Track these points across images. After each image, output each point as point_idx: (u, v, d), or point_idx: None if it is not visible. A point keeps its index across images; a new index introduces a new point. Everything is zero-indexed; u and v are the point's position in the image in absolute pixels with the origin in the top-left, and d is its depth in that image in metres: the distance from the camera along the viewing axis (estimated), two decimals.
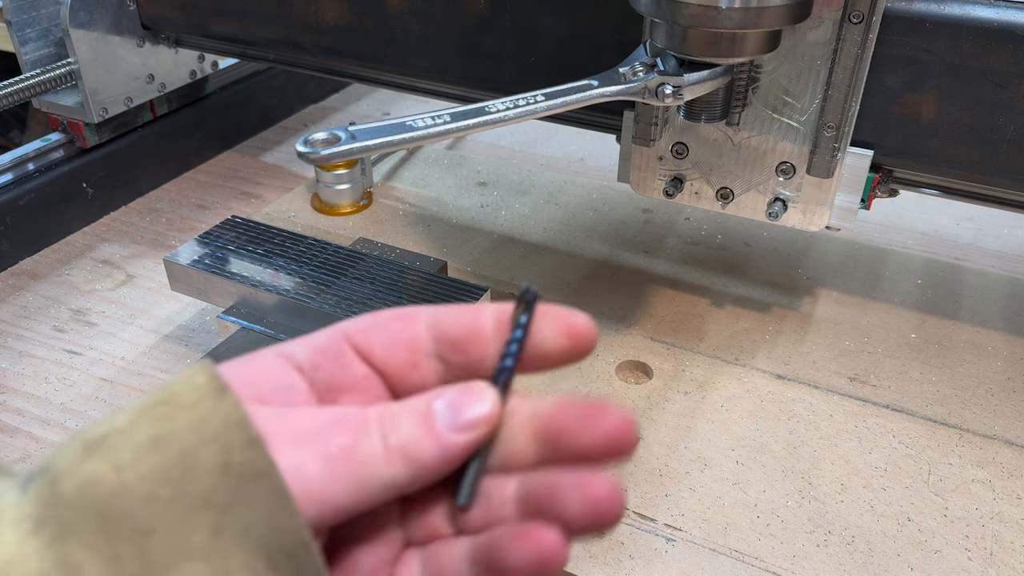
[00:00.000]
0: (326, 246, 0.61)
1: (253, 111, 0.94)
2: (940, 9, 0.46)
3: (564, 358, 0.27)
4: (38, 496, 0.21)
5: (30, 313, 0.66)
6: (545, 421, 0.26)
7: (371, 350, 0.27)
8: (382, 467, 0.23)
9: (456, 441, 0.24)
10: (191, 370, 0.23)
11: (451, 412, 0.24)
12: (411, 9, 0.61)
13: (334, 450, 0.23)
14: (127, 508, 0.21)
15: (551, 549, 0.24)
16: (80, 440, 0.22)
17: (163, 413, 0.22)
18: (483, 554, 0.25)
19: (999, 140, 0.48)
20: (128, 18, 0.76)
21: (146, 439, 0.22)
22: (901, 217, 0.80)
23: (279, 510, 0.22)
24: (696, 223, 0.75)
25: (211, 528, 0.21)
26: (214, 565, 0.21)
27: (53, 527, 0.21)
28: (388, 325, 0.27)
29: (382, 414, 0.24)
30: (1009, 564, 0.45)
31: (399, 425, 0.24)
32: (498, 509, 0.26)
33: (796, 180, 0.51)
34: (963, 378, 0.58)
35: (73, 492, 0.21)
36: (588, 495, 0.24)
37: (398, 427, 0.24)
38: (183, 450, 0.22)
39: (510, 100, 0.41)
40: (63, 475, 0.22)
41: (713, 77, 0.44)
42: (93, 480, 0.21)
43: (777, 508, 0.48)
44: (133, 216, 0.79)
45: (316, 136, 0.36)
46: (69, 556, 0.21)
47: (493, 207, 0.78)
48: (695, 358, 0.59)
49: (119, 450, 0.22)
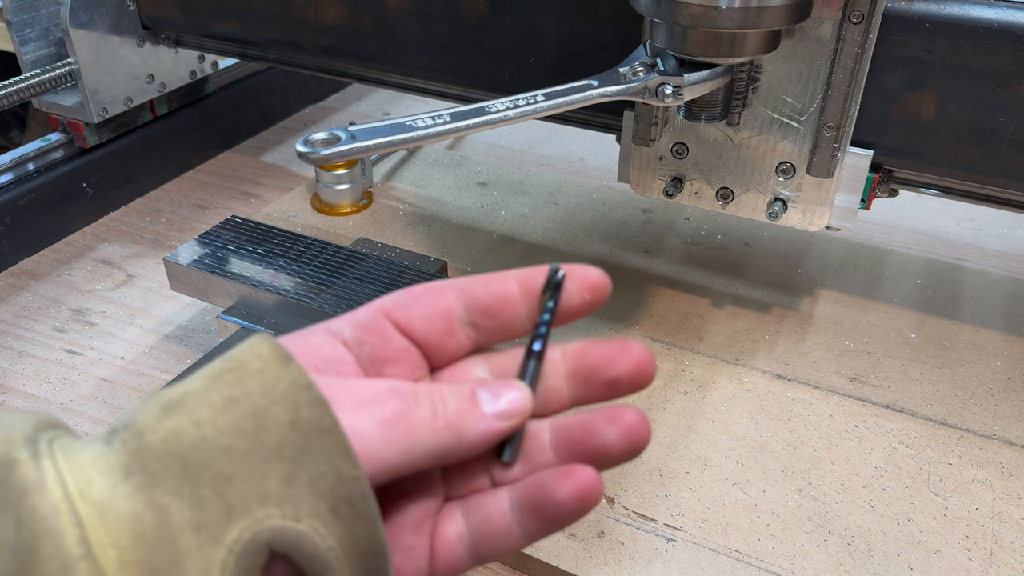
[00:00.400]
0: (326, 246, 0.61)
1: (253, 111, 0.94)
2: (940, 9, 0.46)
3: (585, 310, 0.30)
4: (124, 447, 0.24)
5: (30, 313, 0.66)
6: (577, 359, 0.29)
7: (410, 323, 0.29)
8: (429, 435, 0.26)
9: (495, 426, 0.27)
10: (254, 341, 0.26)
11: (492, 399, 0.28)
12: (411, 9, 0.61)
13: (388, 415, 0.26)
14: (208, 458, 0.23)
15: (592, 483, 0.27)
16: (157, 401, 0.25)
17: (234, 378, 0.25)
18: (528, 496, 0.28)
19: (999, 140, 0.48)
20: (128, 18, 0.76)
21: (220, 399, 0.24)
22: (901, 217, 0.80)
23: (342, 462, 0.24)
24: (696, 223, 0.75)
25: (283, 477, 0.24)
26: (285, 510, 0.23)
27: (141, 474, 0.23)
28: (422, 299, 0.30)
29: (431, 390, 0.27)
30: (1009, 564, 0.45)
31: (447, 402, 0.27)
32: (537, 456, 0.29)
33: (796, 180, 0.51)
34: (963, 378, 0.58)
35: (158, 443, 0.23)
36: (622, 423, 0.28)
37: (446, 403, 0.27)
38: (255, 408, 0.24)
39: (510, 100, 0.41)
40: (147, 429, 0.24)
41: (713, 77, 0.44)
42: (176, 433, 0.24)
43: (777, 508, 0.48)
44: (133, 216, 0.79)
45: (316, 136, 0.36)
46: (157, 499, 0.23)
47: (493, 207, 0.78)
48: (695, 358, 0.59)
49: (196, 409, 0.24)
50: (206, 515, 0.23)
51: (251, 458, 0.24)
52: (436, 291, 0.30)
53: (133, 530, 0.22)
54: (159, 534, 0.23)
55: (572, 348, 0.30)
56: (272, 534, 0.23)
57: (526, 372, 0.29)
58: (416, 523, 0.28)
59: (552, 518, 0.28)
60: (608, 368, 0.29)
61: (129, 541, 0.22)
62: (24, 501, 0.22)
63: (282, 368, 0.25)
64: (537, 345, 0.29)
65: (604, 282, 0.29)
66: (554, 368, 0.30)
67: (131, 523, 0.23)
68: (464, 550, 0.29)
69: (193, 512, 0.23)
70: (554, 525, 0.28)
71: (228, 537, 0.23)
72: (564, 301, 0.29)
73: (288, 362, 0.25)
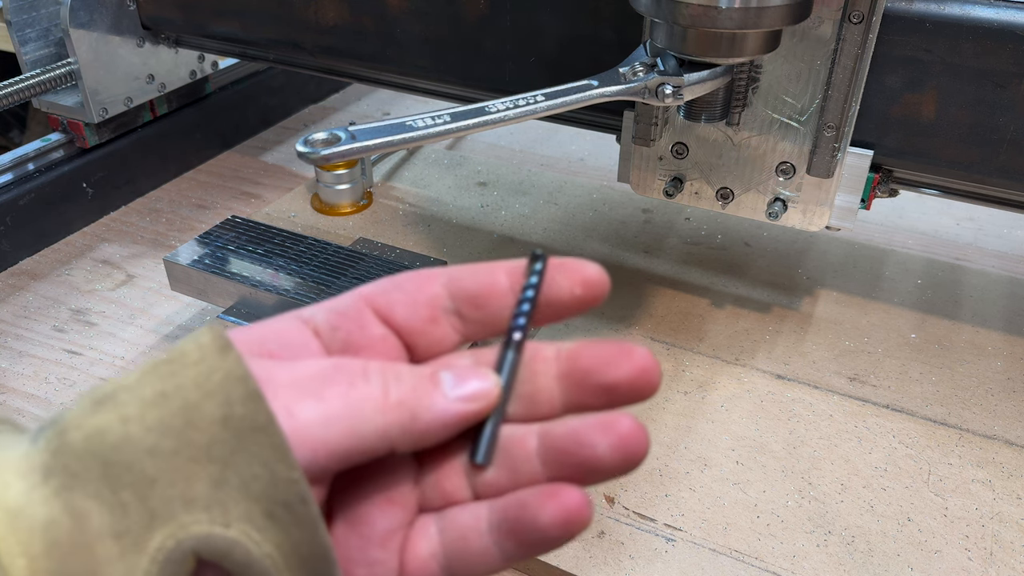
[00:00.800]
0: (326, 246, 0.61)
1: (253, 111, 0.94)
2: (940, 9, 0.46)
3: (579, 307, 0.27)
4: (47, 446, 0.22)
5: (30, 313, 0.66)
6: (571, 360, 0.26)
7: (391, 310, 0.27)
8: (378, 414, 0.24)
9: (455, 408, 0.25)
10: (199, 331, 0.24)
11: (455, 381, 0.25)
12: (411, 9, 0.61)
13: (331, 393, 0.24)
14: (131, 458, 0.22)
15: (578, 507, 0.24)
16: (90, 396, 0.23)
17: (169, 370, 0.23)
18: (508, 516, 0.25)
19: (999, 140, 0.48)
20: (128, 18, 0.76)
21: (152, 394, 0.23)
22: (901, 217, 0.80)
23: (277, 463, 0.22)
24: (696, 223, 0.75)
25: (212, 480, 0.22)
26: (214, 515, 0.22)
27: (61, 476, 0.22)
28: (405, 285, 0.28)
29: (385, 368, 0.25)
30: (1009, 564, 0.45)
31: (402, 380, 0.25)
32: (521, 466, 0.26)
33: (796, 180, 0.51)
34: (963, 378, 0.58)
35: (80, 442, 0.22)
36: (615, 432, 0.25)
37: (401, 381, 0.25)
38: (186, 404, 0.22)
39: (510, 100, 0.41)
40: (71, 427, 0.22)
41: (713, 77, 0.44)
42: (100, 431, 0.22)
43: (777, 508, 0.48)
44: (133, 216, 0.79)
45: (316, 136, 0.36)
46: (76, 503, 0.21)
47: (493, 207, 0.78)
48: (695, 358, 0.59)
49: (126, 404, 0.23)
50: (127, 521, 0.22)
51: (177, 458, 0.22)
52: (422, 278, 0.28)
53: (46, 537, 0.21)
54: (75, 541, 0.21)
55: (567, 348, 0.27)
56: (198, 541, 0.22)
57: (502, 363, 0.26)
58: (384, 536, 0.26)
59: (533, 542, 0.25)
60: (604, 372, 0.26)
61: (41, 549, 0.21)
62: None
63: (219, 358, 0.23)
64: (516, 335, 0.26)
65: (600, 277, 0.27)
66: (545, 367, 0.27)
67: (45, 530, 0.21)
68: (437, 568, 0.26)
69: (113, 517, 0.21)
70: (535, 550, 0.25)
71: (151, 545, 0.22)
72: (555, 295, 0.27)
73: (227, 352, 0.23)
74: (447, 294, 0.28)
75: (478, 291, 0.27)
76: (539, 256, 0.27)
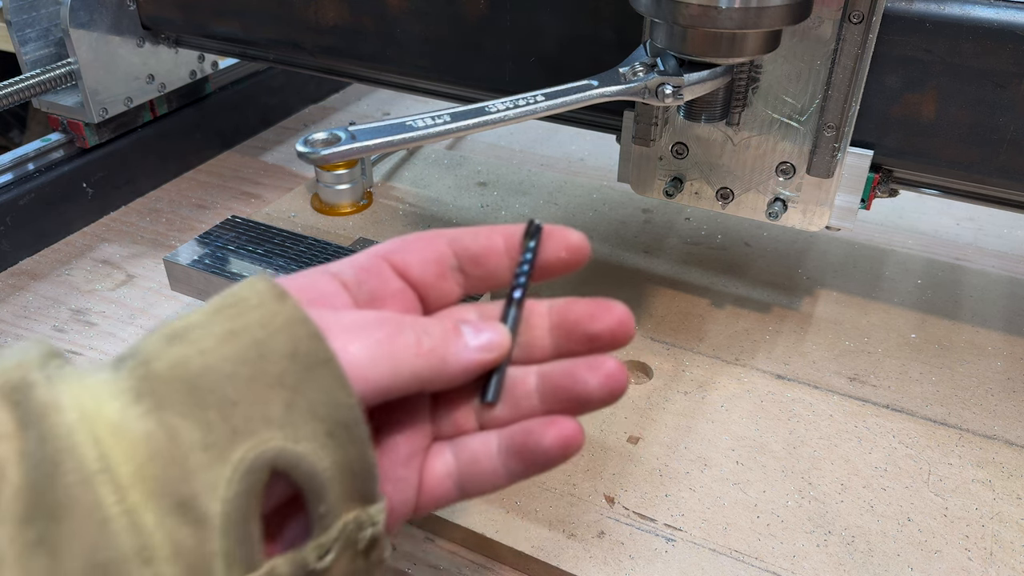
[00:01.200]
0: (326, 246, 0.61)
1: (253, 111, 0.94)
2: (940, 9, 0.46)
3: (565, 268, 0.32)
4: (132, 374, 0.26)
5: (30, 313, 0.66)
6: (562, 314, 0.32)
7: (407, 266, 0.32)
8: (414, 359, 0.28)
9: (476, 357, 0.30)
10: (252, 280, 0.28)
11: (475, 333, 0.30)
12: (411, 9, 0.61)
13: (377, 340, 0.28)
14: (213, 383, 0.25)
15: (574, 432, 0.30)
16: (161, 333, 0.27)
17: (233, 312, 0.27)
18: (515, 441, 0.30)
19: (999, 140, 0.48)
20: (128, 18, 0.76)
21: (222, 331, 0.26)
22: (901, 217, 0.80)
23: (338, 391, 0.26)
24: (696, 223, 0.75)
25: (284, 403, 0.26)
26: (287, 433, 0.25)
27: (151, 398, 0.25)
28: (416, 244, 0.32)
29: (416, 320, 0.30)
30: (1009, 564, 0.45)
31: (431, 333, 0.29)
32: (522, 401, 0.31)
33: (796, 180, 0.51)
34: (963, 378, 0.58)
35: (165, 370, 0.25)
36: (602, 371, 0.30)
37: (430, 334, 0.29)
38: (256, 340, 0.26)
39: (510, 100, 0.41)
40: (153, 357, 0.26)
41: (713, 77, 0.44)
42: (181, 361, 0.26)
43: (777, 508, 0.48)
44: (133, 216, 0.79)
45: (316, 136, 0.36)
46: (168, 421, 0.25)
47: (493, 207, 0.78)
48: (695, 358, 0.59)
49: (200, 340, 0.26)
50: (213, 436, 0.25)
51: (254, 384, 0.26)
52: (431, 238, 0.33)
53: (147, 448, 0.24)
54: (171, 452, 0.24)
55: (558, 304, 0.32)
56: (275, 454, 0.25)
57: (507, 316, 0.31)
58: (407, 457, 0.31)
59: (536, 462, 0.30)
60: (589, 323, 0.31)
61: (144, 457, 0.24)
62: (44, 420, 0.24)
63: (279, 304, 0.27)
64: (517, 293, 0.31)
65: (582, 243, 0.32)
66: (540, 320, 0.32)
67: (145, 442, 0.24)
68: (451, 485, 0.31)
69: (201, 433, 0.25)
70: (538, 468, 0.31)
71: (234, 456, 0.25)
72: (543, 257, 0.32)
73: (284, 298, 0.27)
74: (452, 253, 0.32)
75: (479, 251, 0.32)
76: (536, 225, 0.32)
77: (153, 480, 0.24)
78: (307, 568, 0.27)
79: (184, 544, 0.24)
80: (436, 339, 0.29)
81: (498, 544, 0.46)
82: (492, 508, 0.47)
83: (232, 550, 0.25)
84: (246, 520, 0.25)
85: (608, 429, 0.53)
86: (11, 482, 0.23)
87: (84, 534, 0.23)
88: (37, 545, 0.23)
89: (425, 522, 0.48)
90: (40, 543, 0.23)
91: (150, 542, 0.24)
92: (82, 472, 0.23)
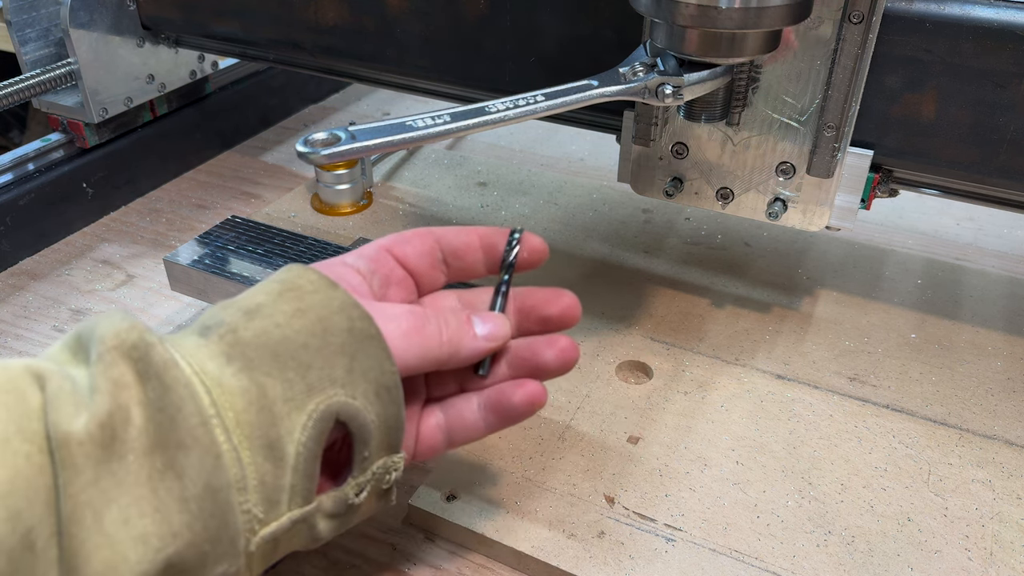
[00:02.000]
0: (326, 246, 0.61)
1: (253, 111, 0.94)
2: (940, 9, 0.46)
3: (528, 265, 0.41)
4: (222, 340, 0.32)
5: (30, 313, 0.66)
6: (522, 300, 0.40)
7: (406, 257, 0.39)
8: (437, 347, 0.36)
9: (483, 346, 0.38)
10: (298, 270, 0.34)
11: (482, 324, 0.38)
12: (411, 9, 0.61)
13: (409, 328, 0.35)
14: (291, 350, 0.32)
15: (538, 392, 0.38)
16: (236, 308, 0.33)
17: (296, 295, 0.33)
18: (492, 399, 0.38)
19: (999, 140, 0.48)
20: (128, 18, 0.76)
21: (291, 309, 0.33)
22: (901, 217, 0.80)
23: (385, 360, 0.33)
24: (696, 223, 0.75)
25: (345, 368, 0.32)
26: (347, 390, 0.32)
27: (241, 360, 0.31)
28: (412, 239, 0.40)
29: (437, 313, 0.37)
30: (1009, 564, 0.45)
31: (449, 324, 0.36)
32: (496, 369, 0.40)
33: (796, 180, 0.51)
34: (963, 378, 0.58)
35: (251, 338, 0.32)
36: (557, 346, 0.39)
37: (448, 325, 0.36)
38: (320, 317, 0.33)
39: (510, 100, 0.41)
40: (239, 327, 0.32)
41: (713, 77, 0.44)
42: (263, 331, 0.32)
43: (777, 508, 0.48)
44: (133, 216, 0.79)
45: (316, 136, 0.36)
46: (257, 378, 0.31)
47: (493, 207, 0.78)
48: (695, 358, 0.59)
49: (274, 315, 0.33)
50: (293, 391, 0.31)
51: (323, 352, 0.32)
52: (421, 234, 0.40)
53: (244, 399, 0.30)
54: (261, 403, 0.31)
55: (519, 292, 0.40)
56: (339, 407, 0.32)
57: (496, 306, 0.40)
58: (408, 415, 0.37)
59: (509, 416, 0.38)
60: (544, 308, 0.40)
61: (242, 406, 0.30)
62: (166, 374, 0.29)
63: (332, 290, 0.34)
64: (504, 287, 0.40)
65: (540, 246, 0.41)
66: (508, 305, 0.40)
67: (242, 394, 0.31)
68: (442, 436, 0.39)
69: (284, 388, 0.31)
70: (510, 420, 0.39)
71: (308, 407, 0.31)
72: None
73: (336, 286, 0.34)
74: (439, 247, 0.40)
75: (460, 247, 0.40)
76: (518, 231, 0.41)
77: (249, 425, 0.30)
78: (347, 502, 0.33)
79: (266, 477, 0.30)
80: (453, 330, 0.36)
81: (498, 544, 0.46)
82: (492, 508, 0.47)
83: (298, 484, 0.31)
84: (312, 460, 0.31)
85: (608, 429, 0.53)
86: (135, 423, 0.28)
87: (203, 464, 0.29)
88: (166, 469, 0.28)
89: (425, 522, 0.48)
90: (168, 468, 0.28)
91: (246, 473, 0.30)
92: (201, 415, 0.29)
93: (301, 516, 0.32)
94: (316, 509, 0.32)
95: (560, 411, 0.54)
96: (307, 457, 0.31)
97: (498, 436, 0.52)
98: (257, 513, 0.30)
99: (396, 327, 0.35)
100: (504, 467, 0.50)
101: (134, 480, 0.27)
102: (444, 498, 0.48)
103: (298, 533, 0.32)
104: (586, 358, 0.59)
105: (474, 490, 0.48)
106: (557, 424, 0.53)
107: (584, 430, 0.53)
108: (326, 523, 0.33)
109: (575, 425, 0.53)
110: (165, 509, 0.28)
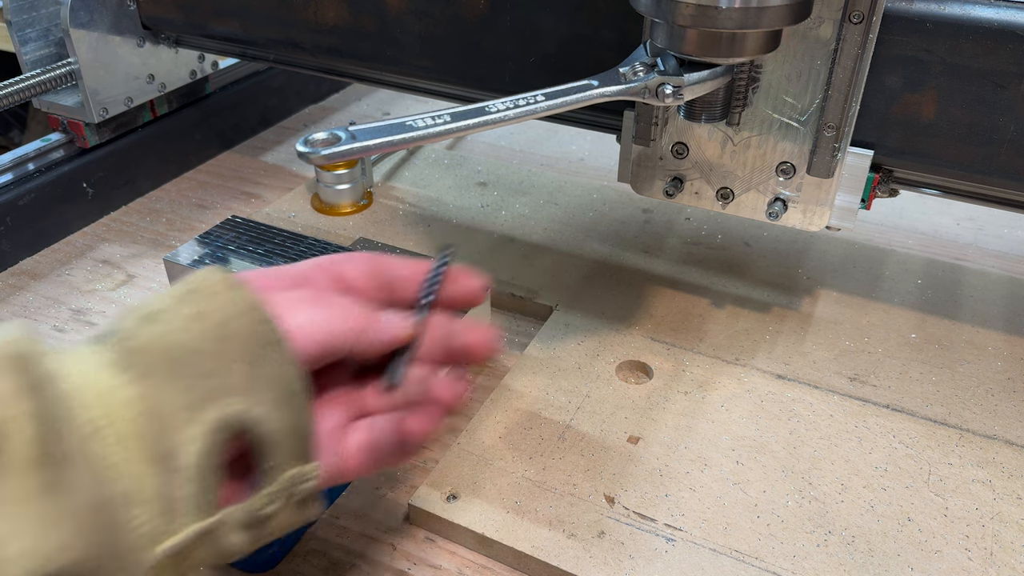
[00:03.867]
0: (326, 246, 0.61)
1: (253, 111, 0.94)
2: (940, 9, 0.46)
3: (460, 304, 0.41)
4: (115, 348, 0.31)
5: (30, 313, 0.66)
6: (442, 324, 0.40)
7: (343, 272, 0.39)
8: (342, 323, 0.35)
9: (385, 335, 0.37)
10: (206, 271, 0.33)
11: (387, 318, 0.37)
12: (411, 9, 0.61)
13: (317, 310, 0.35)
14: (187, 357, 0.31)
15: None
16: (135, 315, 0.32)
17: (196, 298, 0.32)
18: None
19: (999, 140, 0.48)
20: (128, 18, 0.76)
21: (190, 313, 0.31)
22: (901, 217, 0.80)
23: (288, 367, 0.32)
24: (696, 223, 0.75)
25: (244, 375, 0.31)
26: (247, 399, 0.31)
27: (136, 368, 0.30)
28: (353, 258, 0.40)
29: (343, 301, 0.36)
30: (1009, 564, 0.45)
31: (355, 311, 0.36)
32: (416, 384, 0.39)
33: (796, 180, 0.51)
34: (963, 378, 0.58)
35: (147, 344, 0.31)
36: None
37: (354, 312, 0.36)
38: (218, 322, 0.31)
39: (510, 100, 0.41)
40: (133, 335, 0.31)
41: (713, 77, 0.44)
42: (159, 337, 0.31)
43: (777, 508, 0.48)
44: (133, 216, 0.79)
45: (316, 136, 0.36)
46: (152, 387, 0.30)
47: (493, 207, 0.78)
48: (695, 358, 0.59)
49: (172, 320, 0.31)
50: (190, 399, 0.30)
51: (221, 358, 0.31)
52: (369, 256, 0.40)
53: (136, 408, 0.29)
54: (155, 412, 0.30)
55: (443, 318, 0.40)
56: (237, 416, 0.31)
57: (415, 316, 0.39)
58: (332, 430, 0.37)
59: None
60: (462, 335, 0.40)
61: (133, 416, 0.29)
62: (55, 384, 0.28)
63: (234, 291, 0.32)
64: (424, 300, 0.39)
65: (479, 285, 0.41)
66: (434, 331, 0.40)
67: (134, 403, 0.29)
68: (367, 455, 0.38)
69: (181, 396, 0.30)
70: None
71: (207, 416, 0.30)
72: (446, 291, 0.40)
73: (239, 287, 0.32)
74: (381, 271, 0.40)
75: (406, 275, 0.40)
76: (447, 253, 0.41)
77: (141, 436, 0.29)
78: (256, 514, 0.32)
79: (162, 488, 0.29)
80: (358, 316, 0.36)
81: (498, 544, 0.46)
82: (492, 508, 0.47)
83: (197, 495, 0.30)
84: (210, 471, 0.30)
85: (608, 429, 0.53)
86: (24, 433, 0.27)
87: (90, 477, 0.28)
88: (50, 485, 0.27)
89: (425, 522, 0.48)
90: (53, 484, 0.27)
91: (139, 485, 0.29)
92: (93, 425, 0.28)
93: (206, 528, 0.30)
94: (222, 521, 0.31)
95: (560, 411, 0.54)
96: (204, 468, 0.30)
97: (498, 436, 0.52)
98: (155, 526, 0.29)
99: (303, 312, 0.34)
100: (504, 467, 0.50)
101: (13, 498, 0.26)
102: (444, 498, 0.48)
103: (207, 545, 0.31)
104: (586, 358, 0.59)
105: (474, 490, 0.48)
106: (557, 424, 0.53)
107: (584, 430, 0.53)
108: (238, 535, 0.32)
109: (575, 425, 0.53)
110: (50, 525, 0.27)
